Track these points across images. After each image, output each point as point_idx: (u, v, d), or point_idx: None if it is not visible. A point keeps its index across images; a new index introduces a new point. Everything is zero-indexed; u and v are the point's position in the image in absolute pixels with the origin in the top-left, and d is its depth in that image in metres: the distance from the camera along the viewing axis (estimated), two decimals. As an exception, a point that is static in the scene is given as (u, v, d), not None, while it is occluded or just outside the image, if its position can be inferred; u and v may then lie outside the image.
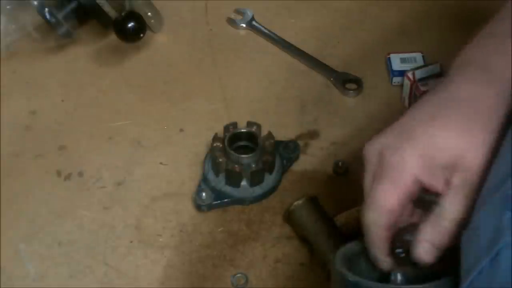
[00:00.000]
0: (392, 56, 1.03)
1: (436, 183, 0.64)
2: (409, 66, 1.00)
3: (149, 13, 1.08)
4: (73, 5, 1.04)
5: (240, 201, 0.89)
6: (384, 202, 0.64)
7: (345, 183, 0.91)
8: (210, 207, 0.88)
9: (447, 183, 0.64)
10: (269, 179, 0.89)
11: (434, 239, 0.64)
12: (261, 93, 1.02)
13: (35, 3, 1.03)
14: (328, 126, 0.97)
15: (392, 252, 0.66)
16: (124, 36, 1.03)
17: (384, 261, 0.67)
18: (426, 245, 0.64)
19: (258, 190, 0.89)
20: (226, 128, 0.91)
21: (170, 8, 1.12)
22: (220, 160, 0.88)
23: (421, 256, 0.64)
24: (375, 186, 0.65)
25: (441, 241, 0.64)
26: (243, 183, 0.88)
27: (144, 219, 0.87)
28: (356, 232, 0.73)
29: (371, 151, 0.66)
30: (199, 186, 0.89)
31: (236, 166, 0.87)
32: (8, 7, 1.07)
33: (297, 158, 0.93)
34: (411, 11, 1.11)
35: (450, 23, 1.09)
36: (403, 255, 0.66)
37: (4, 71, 1.05)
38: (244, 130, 0.90)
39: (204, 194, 0.88)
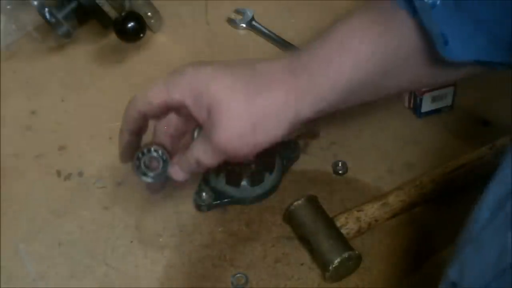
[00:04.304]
0: (392, 56, 1.02)
1: (201, 118, 0.73)
2: (409, 66, 1.00)
3: (149, 13, 1.08)
4: (73, 5, 1.04)
5: (240, 201, 0.89)
6: (151, 94, 0.75)
7: (345, 183, 0.91)
8: (210, 207, 0.88)
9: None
10: (269, 179, 0.89)
11: (181, 165, 0.78)
12: (261, 93, 1.01)
13: (35, 3, 1.03)
14: (328, 126, 0.97)
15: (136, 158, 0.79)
16: (124, 36, 1.04)
17: (124, 141, 0.81)
18: (176, 167, 0.79)
19: (258, 190, 0.89)
20: (226, 128, 0.90)
21: (170, 8, 1.12)
22: (220, 160, 0.87)
23: (171, 173, 0.79)
24: (155, 82, 0.75)
25: (186, 168, 0.78)
26: (243, 183, 0.88)
27: (144, 219, 0.87)
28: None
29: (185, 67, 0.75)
30: (199, 186, 0.89)
31: (236, 166, 0.87)
32: (8, 7, 1.07)
33: (297, 158, 0.93)
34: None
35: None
36: (142, 164, 0.79)
37: (4, 71, 1.05)
38: (244, 130, 0.90)
39: (204, 194, 0.88)
